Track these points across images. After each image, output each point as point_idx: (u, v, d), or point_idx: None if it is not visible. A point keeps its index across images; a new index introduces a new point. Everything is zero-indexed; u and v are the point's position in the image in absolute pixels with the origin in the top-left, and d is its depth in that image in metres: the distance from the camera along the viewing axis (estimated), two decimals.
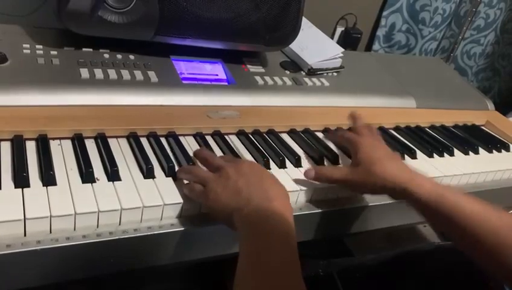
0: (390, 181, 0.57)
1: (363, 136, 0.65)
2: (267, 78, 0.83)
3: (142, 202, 0.51)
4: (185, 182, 0.56)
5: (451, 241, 0.56)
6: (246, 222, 0.48)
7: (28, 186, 0.49)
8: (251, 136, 0.71)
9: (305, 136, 0.75)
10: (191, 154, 0.62)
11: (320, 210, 0.61)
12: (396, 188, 0.57)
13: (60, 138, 0.59)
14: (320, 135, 0.78)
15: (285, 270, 0.44)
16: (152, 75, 0.72)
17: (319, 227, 0.63)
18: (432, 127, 0.92)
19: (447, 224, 0.54)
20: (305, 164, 0.67)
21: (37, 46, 0.71)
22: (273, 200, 0.49)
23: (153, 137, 0.63)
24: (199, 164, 0.59)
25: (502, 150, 0.89)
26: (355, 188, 0.62)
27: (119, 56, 0.75)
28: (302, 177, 0.63)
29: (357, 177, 0.59)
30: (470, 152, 0.84)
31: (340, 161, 0.70)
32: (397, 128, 0.87)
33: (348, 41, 1.26)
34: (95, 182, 0.52)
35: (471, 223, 0.52)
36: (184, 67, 0.78)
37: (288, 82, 0.84)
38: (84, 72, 0.68)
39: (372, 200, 0.66)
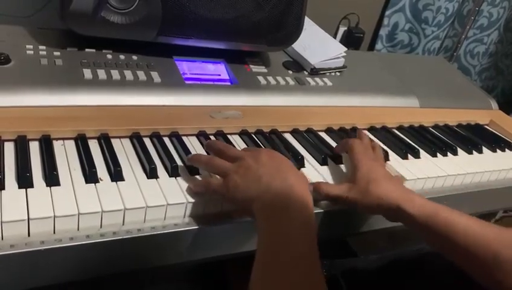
0: (385, 200, 0.57)
1: (365, 156, 0.64)
2: (270, 78, 0.82)
3: (146, 202, 0.51)
4: (198, 177, 0.56)
5: (447, 256, 0.56)
6: (266, 210, 0.49)
7: (32, 186, 0.49)
8: (254, 136, 0.71)
9: (308, 136, 0.75)
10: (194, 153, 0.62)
11: (323, 210, 0.61)
12: (390, 206, 0.57)
13: (63, 138, 0.59)
14: (323, 134, 0.78)
15: (304, 261, 0.44)
16: (155, 75, 0.72)
17: (322, 227, 0.63)
18: (436, 127, 0.92)
19: (441, 241, 0.54)
20: (308, 164, 0.67)
21: (40, 47, 0.71)
22: (293, 188, 0.50)
23: (156, 137, 0.63)
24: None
25: (506, 149, 0.89)
26: (352, 206, 0.61)
27: (122, 56, 0.75)
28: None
29: (354, 195, 0.59)
30: (474, 151, 0.84)
31: (344, 161, 0.70)
32: (400, 128, 0.87)
33: (350, 40, 1.26)
34: (98, 182, 0.52)
35: (466, 239, 0.52)
36: (187, 67, 0.78)
37: (291, 82, 0.84)
38: (87, 73, 0.68)
39: None
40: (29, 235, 0.46)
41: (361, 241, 1.09)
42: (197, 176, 0.58)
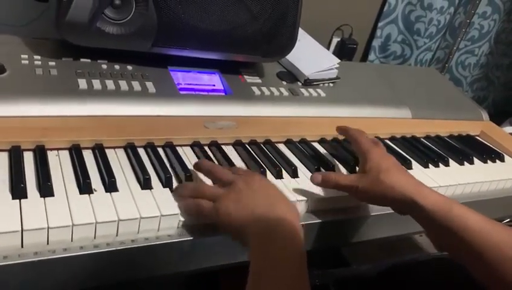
0: (397, 190, 0.57)
1: (373, 146, 0.64)
2: (264, 89, 0.83)
3: (139, 213, 0.51)
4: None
5: (453, 254, 0.56)
6: (257, 238, 0.48)
7: (26, 197, 0.49)
8: (248, 147, 0.71)
9: (301, 147, 0.75)
10: (188, 164, 0.62)
11: (317, 221, 0.62)
12: (403, 198, 0.56)
13: (57, 149, 0.59)
14: (316, 145, 0.78)
15: (293, 288, 0.44)
16: (150, 85, 0.73)
17: (315, 237, 0.63)
18: (427, 137, 0.93)
19: (452, 238, 0.53)
20: (302, 174, 0.68)
21: (35, 57, 0.71)
22: (284, 218, 0.49)
23: (150, 147, 0.64)
24: (200, 175, 0.59)
25: (497, 160, 0.90)
26: (362, 196, 0.61)
27: (117, 67, 0.75)
28: (299, 187, 0.63)
29: (365, 185, 0.59)
30: (465, 162, 0.85)
31: (337, 171, 0.71)
32: (393, 139, 0.88)
33: (343, 52, 1.27)
34: (92, 193, 0.53)
35: (477, 238, 0.52)
36: (181, 77, 0.79)
37: (285, 92, 0.85)
38: (82, 83, 0.68)
39: (369, 210, 0.67)
40: (22, 246, 0.46)
41: (354, 251, 1.09)
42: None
